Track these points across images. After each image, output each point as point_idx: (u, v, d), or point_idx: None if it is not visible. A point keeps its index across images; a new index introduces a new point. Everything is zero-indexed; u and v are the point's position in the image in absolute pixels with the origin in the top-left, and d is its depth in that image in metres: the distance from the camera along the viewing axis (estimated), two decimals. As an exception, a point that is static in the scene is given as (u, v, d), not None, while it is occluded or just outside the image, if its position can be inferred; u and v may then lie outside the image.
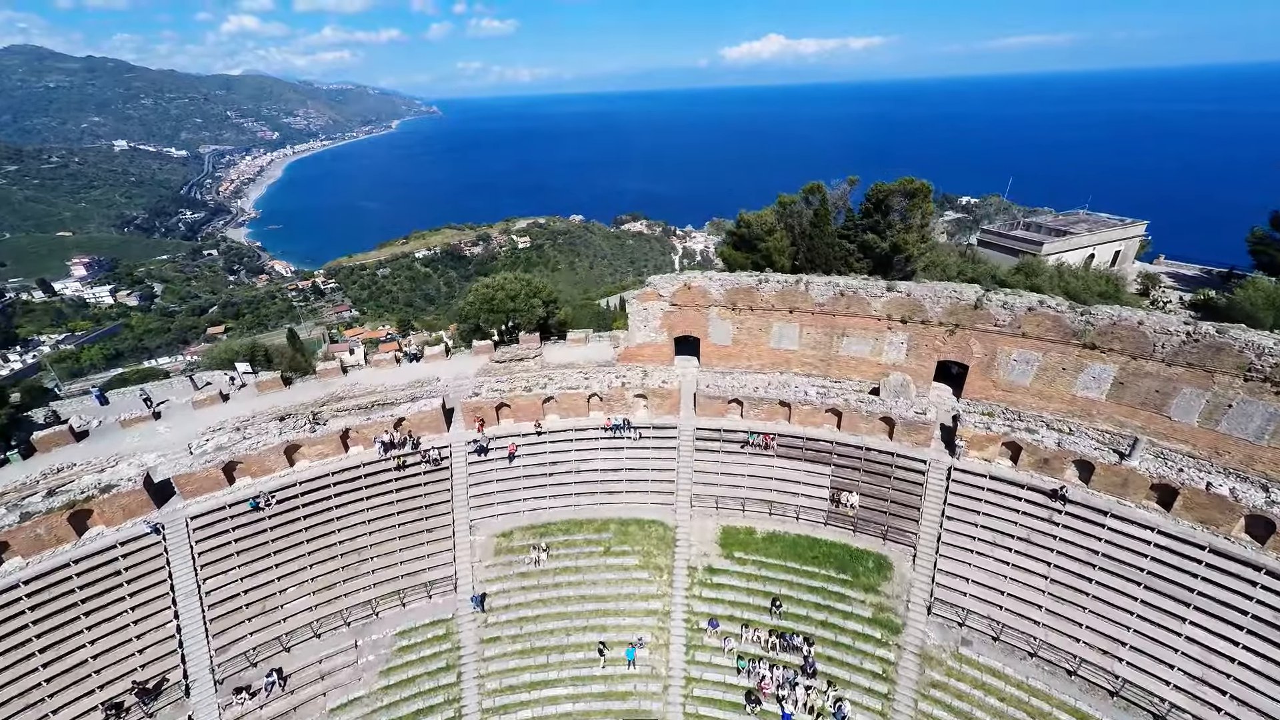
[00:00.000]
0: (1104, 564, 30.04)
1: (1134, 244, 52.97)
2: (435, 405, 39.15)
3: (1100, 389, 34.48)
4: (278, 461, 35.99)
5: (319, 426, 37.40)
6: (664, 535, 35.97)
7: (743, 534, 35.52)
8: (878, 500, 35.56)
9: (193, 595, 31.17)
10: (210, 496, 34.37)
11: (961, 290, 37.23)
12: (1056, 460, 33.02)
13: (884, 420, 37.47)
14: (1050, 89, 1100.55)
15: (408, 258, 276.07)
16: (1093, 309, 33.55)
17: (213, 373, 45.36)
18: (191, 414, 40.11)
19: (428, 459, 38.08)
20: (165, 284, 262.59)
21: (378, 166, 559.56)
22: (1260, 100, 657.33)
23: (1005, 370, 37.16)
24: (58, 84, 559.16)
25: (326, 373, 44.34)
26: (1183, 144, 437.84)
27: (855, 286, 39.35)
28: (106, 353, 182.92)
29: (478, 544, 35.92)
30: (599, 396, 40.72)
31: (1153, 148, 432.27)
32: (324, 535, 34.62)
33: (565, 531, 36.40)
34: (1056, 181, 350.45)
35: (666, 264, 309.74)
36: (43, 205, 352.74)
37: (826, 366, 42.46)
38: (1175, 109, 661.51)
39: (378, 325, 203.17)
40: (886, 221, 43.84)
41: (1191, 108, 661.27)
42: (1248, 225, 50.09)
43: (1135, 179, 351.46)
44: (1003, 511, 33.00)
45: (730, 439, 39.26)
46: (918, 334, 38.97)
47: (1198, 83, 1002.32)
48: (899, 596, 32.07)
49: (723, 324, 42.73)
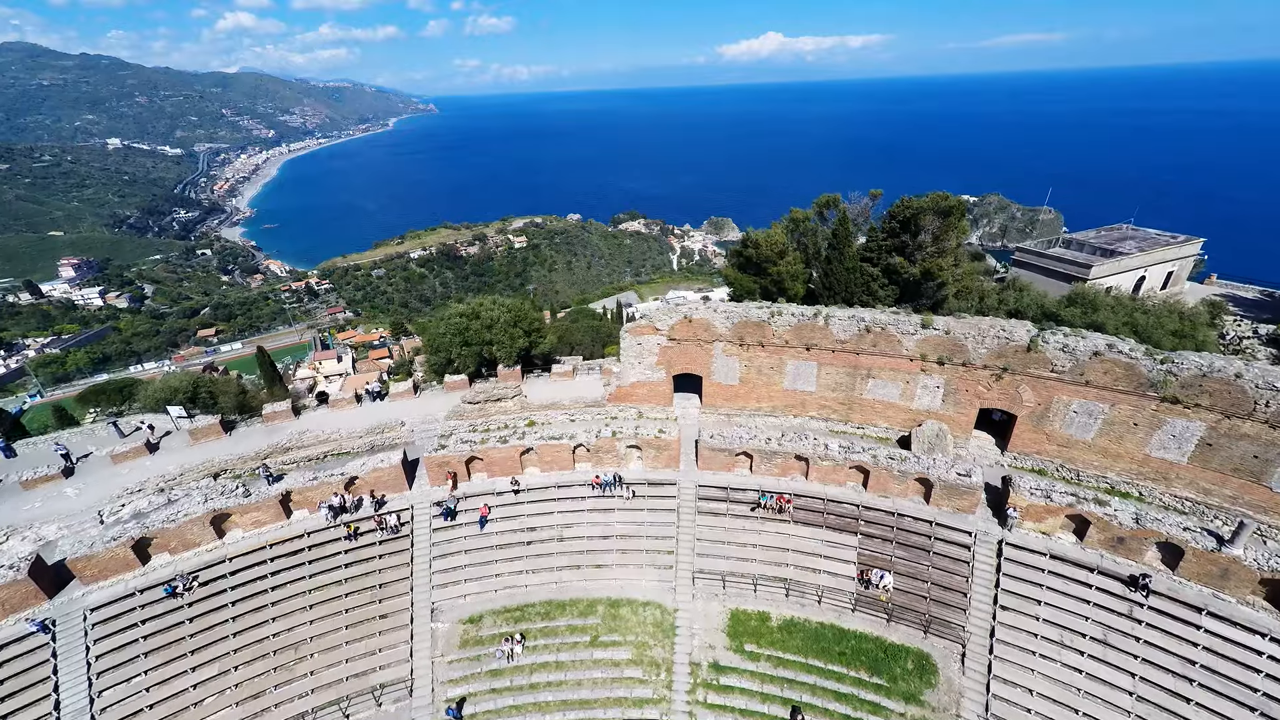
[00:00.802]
0: (1202, 677, 24.20)
1: (1188, 264, 47.03)
2: (394, 461, 33.09)
3: (1181, 450, 28.57)
4: (203, 533, 29.94)
5: (253, 490, 31.32)
6: (661, 620, 30.05)
7: (755, 621, 29.59)
8: (915, 581, 29.64)
9: (83, 714, 25.15)
10: (118, 580, 28.36)
11: (1011, 329, 31.22)
12: (1135, 540, 27.12)
13: (920, 481, 31.56)
14: (1047, 87, 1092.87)
15: (403, 258, 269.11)
16: (1175, 357, 27.59)
17: (147, 416, 39.26)
18: (111, 470, 34.03)
19: (384, 525, 32.09)
20: (156, 285, 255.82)
21: (374, 165, 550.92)
22: (1263, 99, 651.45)
23: (1062, 422, 31.22)
24: (51, 82, 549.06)
25: (274, 416, 38.23)
26: (1189, 144, 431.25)
27: (884, 322, 33.32)
28: (93, 356, 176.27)
29: (440, 633, 29.94)
30: (586, 448, 34.75)
31: (1159, 148, 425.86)
32: (255, 627, 28.61)
33: (545, 615, 30.44)
34: (1057, 179, 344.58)
35: (664, 263, 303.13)
36: (34, 205, 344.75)
37: (848, 410, 36.51)
38: (1175, 108, 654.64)
39: (371, 328, 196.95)
40: (916, 243, 37.78)
41: (1193, 105, 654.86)
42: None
43: (1138, 179, 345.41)
44: (1070, 601, 27.12)
45: (739, 499, 33.31)
46: (957, 377, 32.99)
47: (1196, 81, 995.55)
48: (946, 709, 26.20)
49: (729, 361, 36.73)
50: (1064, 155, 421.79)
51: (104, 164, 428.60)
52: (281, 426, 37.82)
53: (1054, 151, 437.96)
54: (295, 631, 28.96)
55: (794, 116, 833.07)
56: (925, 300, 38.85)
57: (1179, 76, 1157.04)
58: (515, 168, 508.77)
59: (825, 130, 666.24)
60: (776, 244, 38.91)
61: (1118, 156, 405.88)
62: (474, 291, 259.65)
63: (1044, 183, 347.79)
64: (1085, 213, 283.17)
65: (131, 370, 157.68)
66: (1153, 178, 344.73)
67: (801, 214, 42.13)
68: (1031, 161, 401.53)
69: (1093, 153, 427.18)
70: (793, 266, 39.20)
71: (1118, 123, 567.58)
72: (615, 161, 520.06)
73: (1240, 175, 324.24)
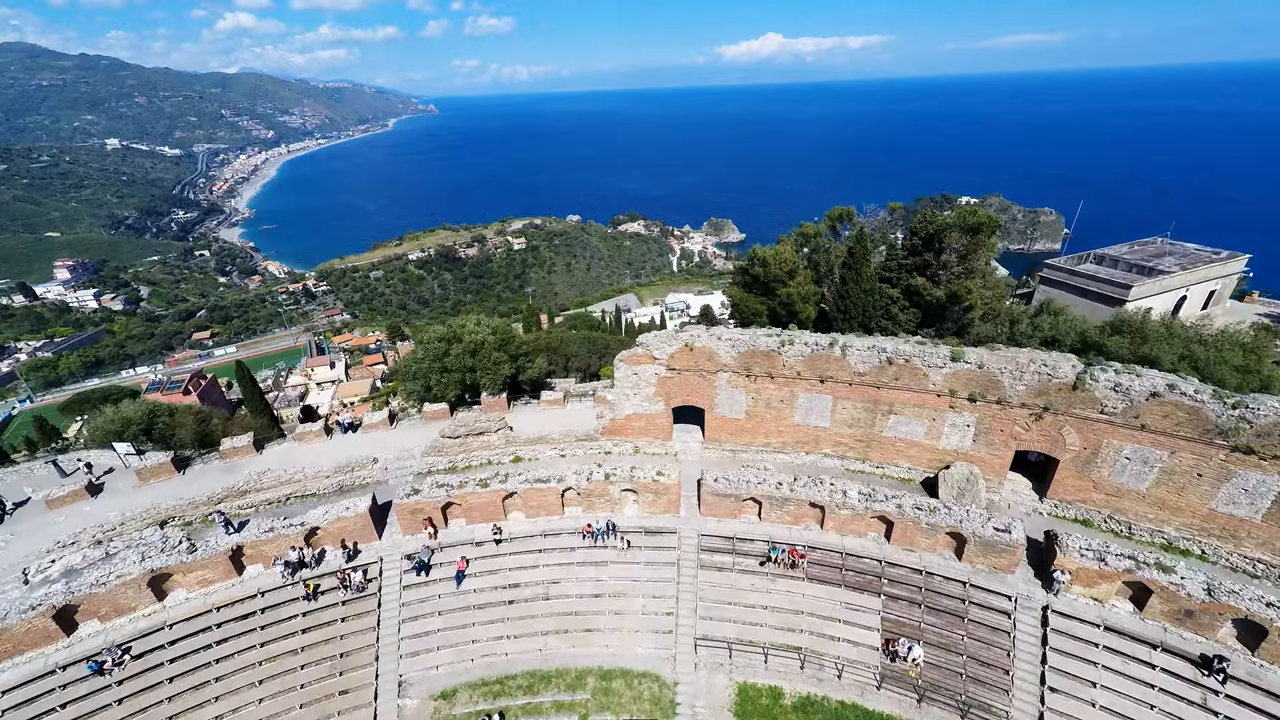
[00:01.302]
0: (1294, 786, 20.48)
1: (1231, 282, 43.23)
2: (361, 509, 29.32)
3: (1255, 507, 24.81)
4: (139, 597, 26.23)
5: (200, 544, 27.57)
6: (659, 696, 26.32)
7: (766, 698, 25.86)
8: (949, 654, 25.89)
9: (-15, 823, 21.49)
10: (39, 654, 24.66)
11: (1054, 363, 27.45)
12: (1205, 614, 23.37)
13: (951, 535, 27.81)
14: (1046, 87, 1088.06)
15: (401, 259, 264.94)
16: (1250, 401, 23.82)
17: (92, 451, 35.52)
18: (46, 518, 30.30)
19: (348, 583, 28.35)
20: (153, 287, 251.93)
21: (374, 166, 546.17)
22: (1265, 99, 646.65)
23: (1112, 469, 27.45)
24: (50, 82, 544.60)
25: (233, 453, 34.48)
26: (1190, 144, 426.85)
27: (908, 353, 29.54)
28: (86, 360, 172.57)
29: (409, 712, 26.20)
30: (576, 491, 31.00)
31: (1165, 148, 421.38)
32: (194, 709, 24.87)
33: (528, 689, 26.70)
34: (1057, 180, 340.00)
35: (664, 265, 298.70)
36: (31, 205, 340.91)
37: (866, 448, 32.76)
38: (1177, 107, 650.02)
39: (368, 331, 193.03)
40: (940, 262, 33.98)
41: (1195, 106, 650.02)
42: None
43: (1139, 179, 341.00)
44: (1130, 684, 23.39)
45: (746, 551, 29.57)
46: (990, 415, 29.23)
47: (1199, 82, 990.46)
48: (989, 814, 22.49)
49: (735, 393, 32.97)
50: (1063, 155, 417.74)
51: (102, 164, 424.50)
52: (240, 465, 34.06)
53: (1053, 152, 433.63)
54: (242, 713, 25.21)
55: (794, 117, 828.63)
56: (949, 324, 35.07)
57: (1181, 77, 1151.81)
58: (515, 168, 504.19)
59: (825, 130, 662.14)
60: (786, 262, 35.12)
61: (1118, 156, 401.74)
62: (473, 293, 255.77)
63: (1043, 183, 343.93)
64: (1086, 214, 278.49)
65: (123, 375, 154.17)
66: (1154, 178, 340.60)
67: (812, 228, 38.32)
68: (1031, 162, 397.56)
69: (1093, 153, 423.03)
70: (804, 287, 35.41)
71: (1118, 123, 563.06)
72: (615, 162, 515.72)
73: (1244, 176, 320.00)
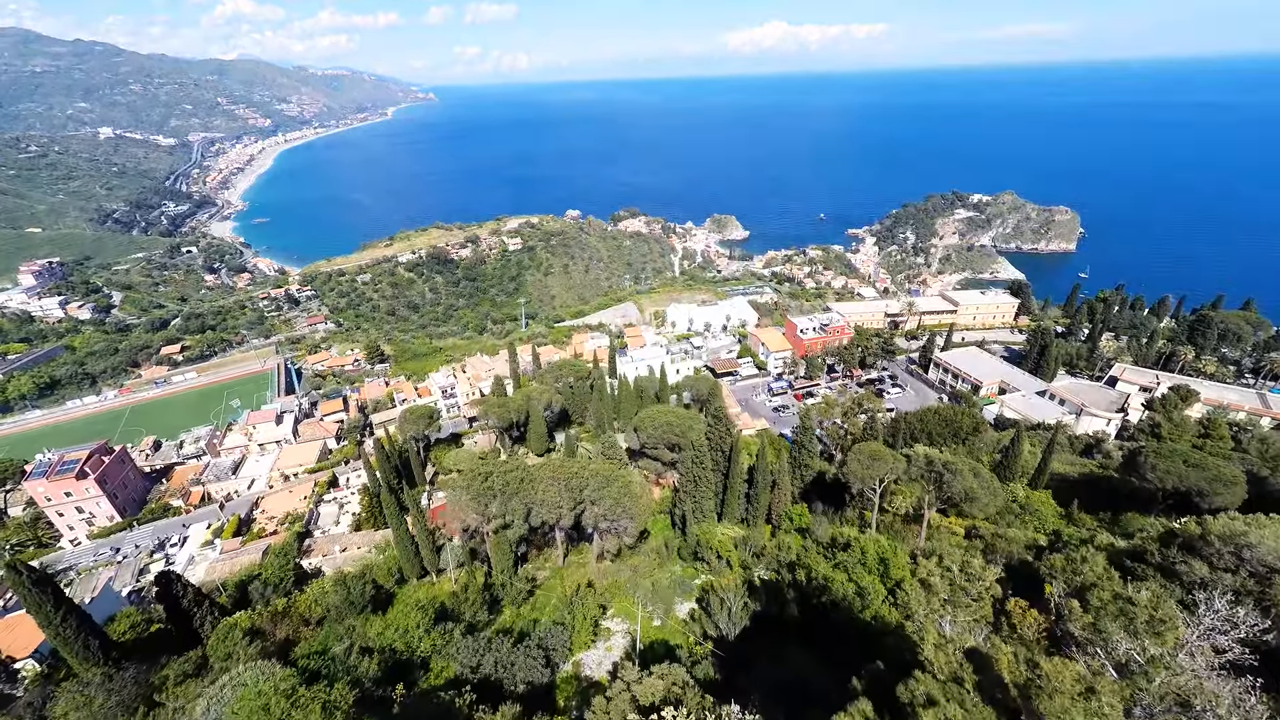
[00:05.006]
0: None
1: None
2: None
3: None
4: None
5: None
6: None
7: None
8: None
9: None
10: None
11: None
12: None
13: None
14: (1056, 80, 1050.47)
15: (391, 261, 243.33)
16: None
17: None
18: None
19: None
20: (127, 291, 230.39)
21: (371, 156, 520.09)
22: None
23: None
24: (44, 68, 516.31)
25: None
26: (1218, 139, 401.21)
27: None
28: (39, 381, 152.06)
29: None
30: None
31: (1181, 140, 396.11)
32: None
33: None
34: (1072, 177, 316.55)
35: (665, 265, 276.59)
36: (15, 199, 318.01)
37: None
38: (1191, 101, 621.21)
39: (346, 349, 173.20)
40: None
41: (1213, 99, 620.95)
42: None
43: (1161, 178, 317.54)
44: None
45: None
46: None
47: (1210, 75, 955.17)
48: None
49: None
50: (1077, 151, 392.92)
51: (94, 154, 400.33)
52: None
53: (1067, 147, 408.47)
54: None
55: (798, 109, 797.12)
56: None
57: (1192, 69, 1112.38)
58: (514, 159, 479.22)
59: (829, 123, 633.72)
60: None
61: (1132, 152, 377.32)
62: (465, 297, 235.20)
63: (1056, 180, 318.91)
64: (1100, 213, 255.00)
65: (68, 406, 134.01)
66: (1170, 176, 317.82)
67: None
68: (1043, 158, 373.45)
69: (1106, 149, 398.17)
70: None
71: (1135, 117, 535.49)
72: (615, 153, 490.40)
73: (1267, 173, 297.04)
